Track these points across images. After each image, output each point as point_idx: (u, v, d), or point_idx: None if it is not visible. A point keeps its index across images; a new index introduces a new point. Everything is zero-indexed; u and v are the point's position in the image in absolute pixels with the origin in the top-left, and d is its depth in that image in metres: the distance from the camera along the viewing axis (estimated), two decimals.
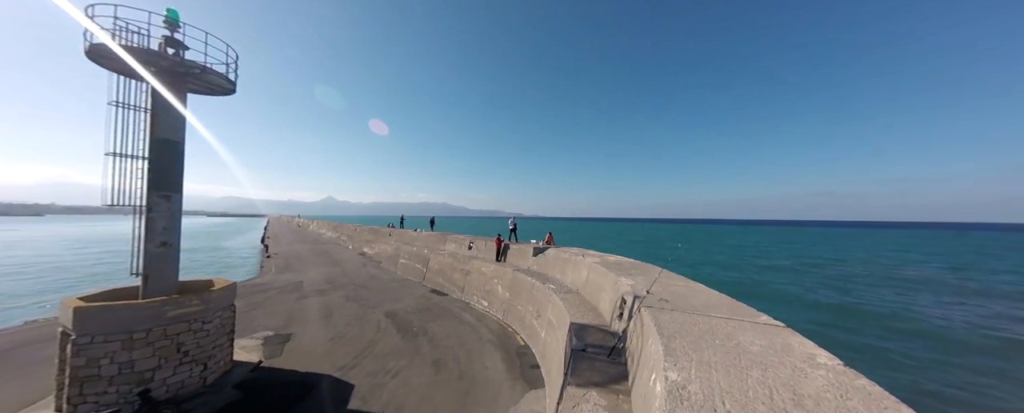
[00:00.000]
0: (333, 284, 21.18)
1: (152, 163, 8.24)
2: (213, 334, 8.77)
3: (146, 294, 8.25)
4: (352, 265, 28.49)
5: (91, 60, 7.70)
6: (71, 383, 7.05)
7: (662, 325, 4.28)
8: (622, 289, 7.08)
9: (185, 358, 8.13)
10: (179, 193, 8.74)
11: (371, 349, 11.42)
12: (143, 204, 8.23)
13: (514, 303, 14.07)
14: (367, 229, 41.12)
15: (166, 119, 8.31)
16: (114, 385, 7.24)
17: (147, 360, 7.57)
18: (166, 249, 8.48)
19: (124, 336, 7.36)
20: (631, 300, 6.21)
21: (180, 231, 8.81)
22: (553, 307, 10.27)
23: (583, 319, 8.02)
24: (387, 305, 16.63)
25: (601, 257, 11.56)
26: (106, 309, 7.30)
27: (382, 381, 9.32)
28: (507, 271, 15.33)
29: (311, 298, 17.72)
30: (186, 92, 8.81)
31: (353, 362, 10.45)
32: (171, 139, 8.46)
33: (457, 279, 18.93)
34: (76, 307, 7.14)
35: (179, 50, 8.37)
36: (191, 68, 8.48)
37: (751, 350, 3.54)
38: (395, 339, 12.34)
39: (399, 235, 30.87)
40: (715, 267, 44.24)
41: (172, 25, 8.18)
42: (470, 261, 18.57)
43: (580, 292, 10.51)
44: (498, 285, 15.68)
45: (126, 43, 7.70)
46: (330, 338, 12.31)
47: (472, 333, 13.04)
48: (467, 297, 17.56)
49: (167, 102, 8.28)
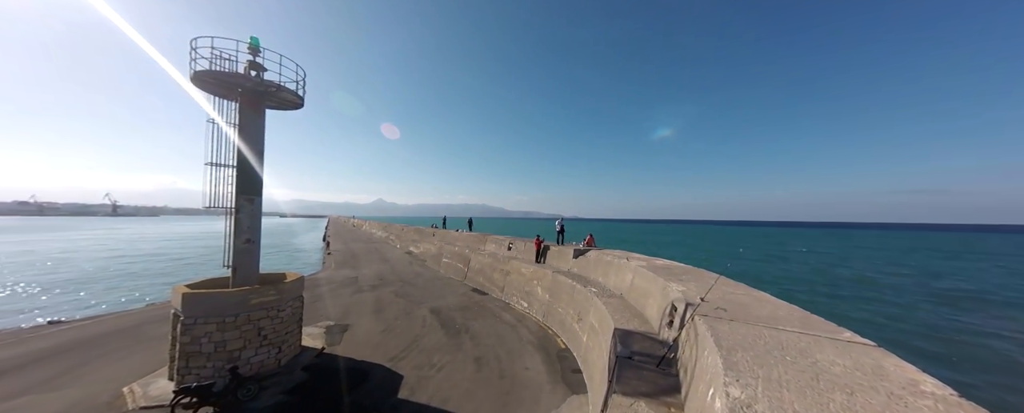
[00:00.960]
0: (383, 280, 22.71)
1: (239, 171, 9.54)
2: (286, 321, 9.89)
3: (235, 284, 9.56)
4: (400, 263, 30.32)
5: (194, 85, 9.14)
6: (180, 357, 8.42)
7: (720, 336, 3.94)
8: (672, 295, 6.65)
9: (264, 341, 9.27)
10: (260, 196, 10.01)
11: (418, 343, 12.04)
12: (232, 206, 9.58)
13: (554, 305, 13.91)
14: (413, 229, 43.48)
15: (250, 132, 9.58)
16: (211, 361, 8.50)
17: (235, 341, 8.76)
18: (250, 245, 9.76)
19: (218, 319, 8.60)
20: (683, 308, 5.81)
21: (260, 229, 10.08)
22: (595, 311, 9.97)
23: (628, 325, 7.67)
24: (431, 302, 17.41)
25: (647, 260, 10.97)
26: (205, 296, 8.60)
27: (428, 374, 9.78)
28: (547, 273, 15.21)
29: (365, 293, 19.19)
30: (264, 108, 10.08)
31: (402, 354, 11.10)
32: (254, 149, 9.71)
33: (497, 279, 19.22)
34: (184, 293, 8.51)
35: (259, 72, 9.61)
36: (269, 87, 9.68)
37: (832, 371, 3.11)
38: (439, 335, 12.87)
39: (442, 235, 32.20)
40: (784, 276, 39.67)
41: (254, 50, 9.42)
42: (509, 262, 18.75)
43: (624, 297, 10.07)
44: (538, 286, 15.62)
45: (220, 69, 9.04)
46: (382, 331, 13.21)
47: (512, 333, 13.13)
48: (507, 297, 17.74)
49: (251, 117, 9.55)
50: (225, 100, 9.52)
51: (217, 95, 9.48)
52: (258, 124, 9.80)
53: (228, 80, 9.14)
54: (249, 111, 9.59)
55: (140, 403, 7.91)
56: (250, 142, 9.62)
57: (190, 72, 8.78)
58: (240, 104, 9.48)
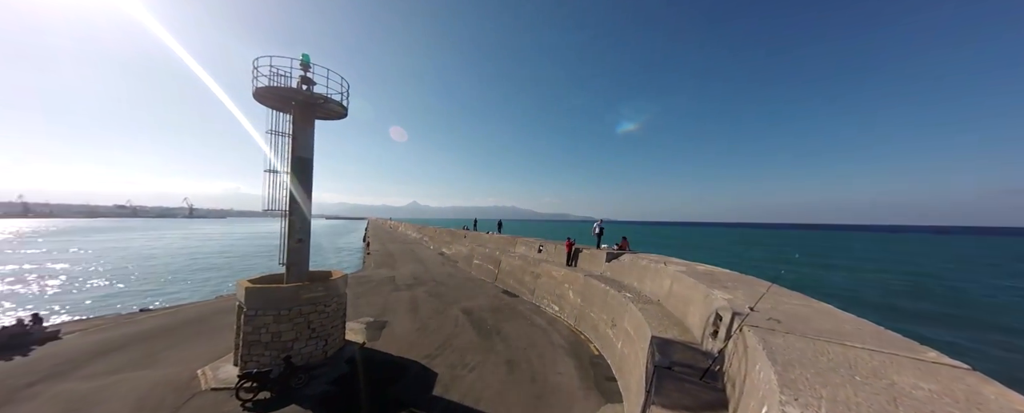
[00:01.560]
0: (418, 280, 23.59)
1: (293, 176, 10.44)
2: (332, 316, 10.61)
3: (288, 280, 10.44)
4: (433, 263, 31.32)
5: (256, 100, 10.17)
6: (243, 345, 9.34)
7: (775, 350, 3.62)
8: (717, 303, 6.23)
9: (313, 334, 10.02)
10: (310, 199, 10.87)
11: (451, 342, 12.34)
12: (287, 209, 10.50)
13: (586, 310, 13.60)
14: (445, 231, 44.77)
15: (302, 141, 10.46)
16: (268, 350, 9.34)
17: (289, 332, 9.56)
18: (301, 245, 10.62)
19: (275, 312, 9.44)
20: (729, 317, 5.42)
21: (310, 230, 10.93)
22: (630, 317, 9.60)
23: (667, 333, 7.29)
24: (463, 302, 17.77)
25: (687, 265, 10.37)
26: (264, 290, 9.48)
27: (461, 373, 9.98)
28: (578, 276, 14.92)
29: (401, 291, 20.05)
30: (314, 119, 10.95)
31: (436, 352, 11.44)
32: (305, 157, 10.60)
33: (527, 282, 19.19)
34: (247, 287, 9.45)
35: (310, 86, 10.47)
36: (318, 99, 10.51)
37: (914, 395, 2.73)
38: (471, 335, 13.09)
39: (473, 237, 32.81)
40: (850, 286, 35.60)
41: (305, 66, 10.29)
42: (540, 264, 18.65)
43: (662, 303, 9.60)
44: (569, 290, 15.37)
45: (277, 84, 9.98)
46: (417, 329, 13.71)
47: (543, 337, 13.02)
48: (537, 300, 17.64)
49: (302, 127, 10.43)
50: (281, 113, 10.48)
51: (274, 108, 10.46)
52: (309, 133, 10.67)
53: (284, 94, 10.07)
54: (301, 122, 10.47)
55: (211, 385, 8.88)
56: (301, 150, 10.50)
57: (253, 88, 9.78)
58: (293, 116, 10.40)
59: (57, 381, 9.08)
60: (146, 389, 8.69)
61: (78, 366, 9.97)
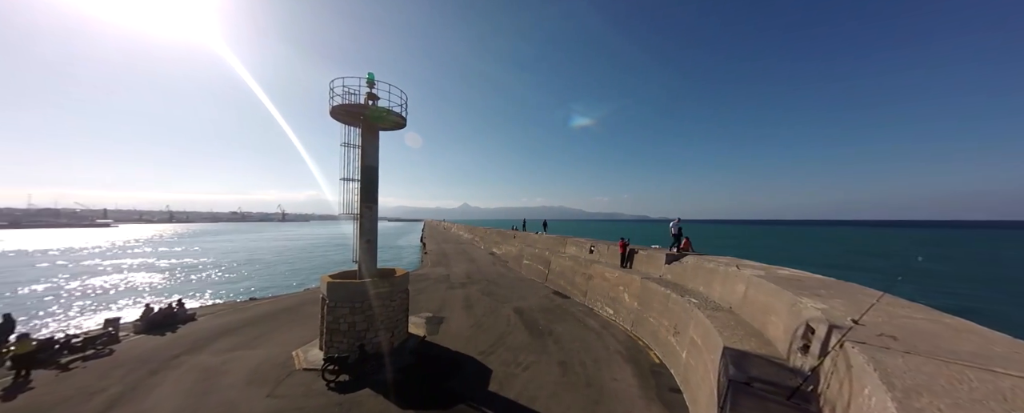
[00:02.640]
0: (471, 279, 24.52)
1: (362, 183, 11.62)
2: (397, 310, 11.56)
3: (360, 276, 11.64)
4: (484, 263, 32.30)
5: (332, 117, 11.53)
6: (326, 333, 10.65)
7: (891, 372, 3.03)
8: (807, 314, 5.42)
9: (381, 325, 11.01)
10: (376, 204, 12.00)
11: (504, 341, 12.59)
12: (357, 212, 11.72)
13: (644, 314, 12.82)
14: (495, 231, 45.88)
15: (369, 151, 11.60)
16: (346, 338, 10.51)
17: (362, 323, 10.65)
18: (370, 244, 11.76)
19: (350, 304, 10.59)
20: (825, 330, 4.68)
21: (377, 231, 12.05)
22: (697, 325, 8.81)
23: (743, 345, 6.54)
24: (515, 302, 18.02)
25: (765, 269, 9.19)
26: (341, 284, 10.70)
27: (515, 372, 10.12)
28: (634, 279, 14.14)
29: (456, 289, 21.04)
30: (379, 130, 12.06)
31: (490, 349, 11.77)
32: (372, 165, 11.72)
33: (579, 283, 18.75)
34: (328, 282, 10.76)
35: (375, 101, 11.55)
36: (381, 112, 11.55)
37: None
38: (523, 335, 13.21)
39: (522, 238, 33.10)
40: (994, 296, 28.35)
41: (371, 83, 11.39)
42: (592, 265, 18.09)
43: (735, 311, 8.64)
44: (624, 293, 14.64)
45: (348, 102, 11.21)
46: (471, 326, 14.26)
47: (598, 340, 12.60)
48: (590, 302, 17.13)
49: (369, 138, 11.55)
50: (351, 127, 11.74)
51: (346, 123, 11.77)
52: (375, 144, 11.79)
53: (353, 110, 11.26)
54: (368, 134, 11.62)
55: (303, 365, 10.29)
56: (369, 159, 11.64)
57: (329, 107, 11.11)
58: (362, 128, 11.58)
59: (194, 354, 11.32)
60: (256, 365, 10.39)
61: (208, 343, 12.31)
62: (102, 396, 8.63)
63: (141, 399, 8.54)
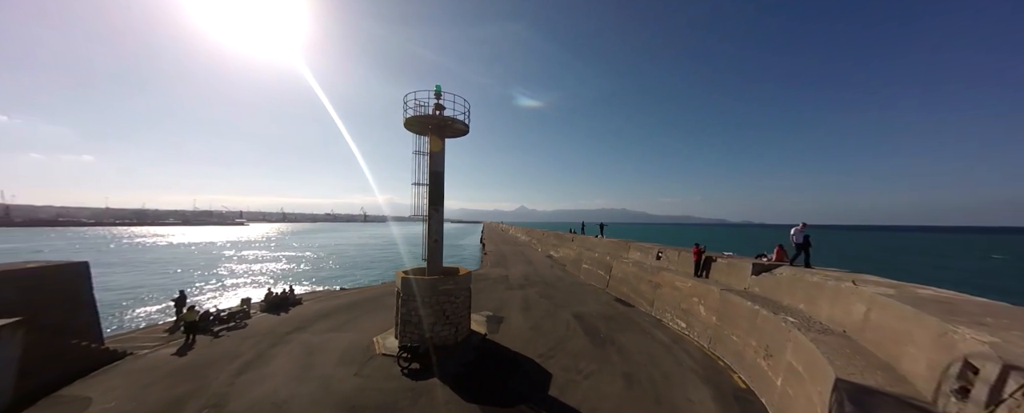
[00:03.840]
0: (529, 281, 24.64)
1: (430, 187, 12.57)
2: (460, 307, 12.19)
3: (428, 273, 12.57)
4: (542, 266, 32.19)
5: (405, 128, 12.72)
6: (400, 323, 11.72)
7: None
8: (966, 348, 4.20)
9: (447, 320, 11.72)
10: (442, 206, 12.85)
11: (563, 345, 12.34)
12: (426, 214, 12.70)
13: (726, 331, 11.34)
14: (552, 234, 45.45)
15: (436, 157, 12.50)
16: (416, 330, 11.42)
17: (429, 317, 11.47)
18: (437, 244, 12.64)
19: (419, 299, 11.49)
20: (995, 371, 3.55)
21: (443, 232, 12.89)
22: (798, 349, 7.47)
23: (864, 379, 5.34)
24: (574, 306, 17.54)
25: (896, 287, 7.38)
26: (412, 280, 11.68)
27: (575, 379, 9.83)
28: (712, 290, 12.62)
29: (515, 291, 21.36)
30: (445, 138, 12.92)
31: (549, 353, 11.63)
32: (438, 171, 12.61)
33: (644, 291, 17.45)
34: (401, 277, 11.85)
35: (441, 111, 12.42)
36: (447, 121, 12.37)
37: None
38: (584, 341, 12.76)
39: (580, 241, 32.16)
40: None
41: (438, 95, 12.28)
42: (660, 273, 16.68)
43: (851, 336, 7.11)
44: (700, 305, 13.16)
45: (418, 114, 12.26)
46: (530, 328, 14.30)
47: (668, 355, 11.54)
48: (658, 312, 15.80)
49: (436, 146, 12.45)
50: (421, 136, 12.80)
51: (417, 133, 12.88)
52: (441, 151, 12.66)
53: (422, 121, 12.27)
54: (435, 141, 12.53)
55: (381, 351, 11.48)
56: (436, 165, 12.54)
57: (403, 119, 12.28)
58: (429, 137, 12.54)
59: (301, 333, 13.47)
60: (345, 346, 11.94)
61: (311, 324, 14.54)
62: (240, 360, 10.82)
63: (265, 365, 10.47)
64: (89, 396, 8.61)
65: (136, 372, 10.00)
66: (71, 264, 11.31)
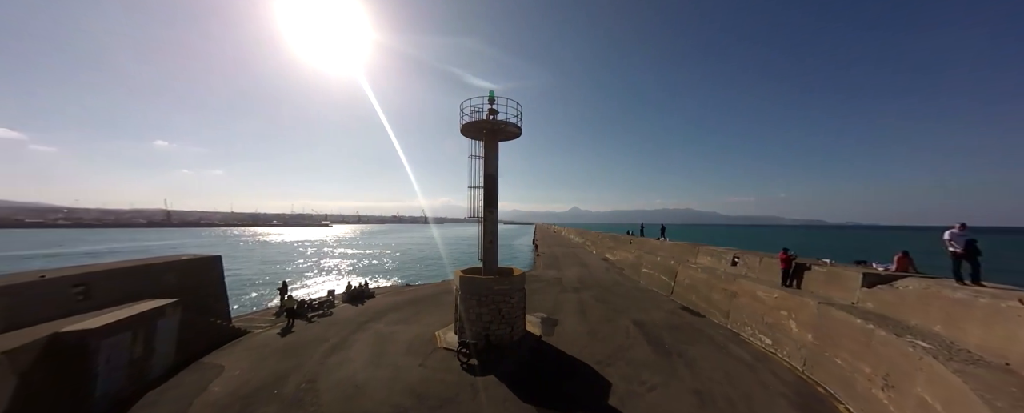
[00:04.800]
0: (583, 284, 23.91)
1: (485, 190, 12.99)
2: (515, 307, 12.33)
3: (484, 273, 12.98)
4: (597, 269, 30.99)
5: (462, 134, 13.36)
6: (459, 320, 12.29)
7: None
8: None
9: (503, 319, 11.95)
10: (497, 208, 13.17)
11: (623, 353, 11.68)
12: (481, 216, 13.14)
13: (827, 353, 9.58)
14: (608, 236, 43.51)
15: (490, 161, 12.88)
16: (475, 326, 11.86)
17: (486, 315, 11.81)
18: (492, 245, 12.99)
19: (477, 297, 11.92)
20: None
21: (498, 233, 13.20)
22: (934, 382, 5.98)
23: None
24: (633, 313, 16.51)
25: None
26: (470, 279, 12.17)
27: (637, 390, 9.22)
28: (808, 302, 10.78)
29: (569, 293, 20.92)
30: (498, 141, 13.25)
31: (607, 360, 11.11)
32: (493, 174, 12.98)
33: (717, 300, 15.66)
34: (459, 276, 12.42)
35: (495, 115, 12.77)
36: (500, 125, 12.68)
37: None
38: (646, 350, 11.92)
39: (640, 243, 30.20)
40: None
41: (491, 100, 12.65)
42: (736, 280, 14.81)
43: (1020, 371, 5.45)
44: (790, 320, 11.35)
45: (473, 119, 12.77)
46: (586, 332, 13.84)
47: (749, 374, 10.17)
48: (735, 325, 14.04)
49: (490, 149, 12.84)
50: (476, 141, 13.31)
51: (472, 138, 13.43)
52: (495, 154, 13.02)
53: (477, 126, 12.75)
54: (489, 145, 12.93)
55: (442, 345, 12.18)
56: (490, 168, 12.92)
57: (460, 126, 12.92)
58: (484, 141, 12.97)
59: (375, 323, 14.97)
60: (411, 338, 12.94)
61: (383, 315, 16.08)
62: (327, 343, 12.45)
63: (347, 349, 11.87)
64: (222, 364, 10.70)
65: (254, 347, 12.13)
66: (209, 257, 14.22)
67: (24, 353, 6.93)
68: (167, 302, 10.50)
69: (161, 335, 10.03)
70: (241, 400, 8.64)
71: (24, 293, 8.33)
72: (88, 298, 9.58)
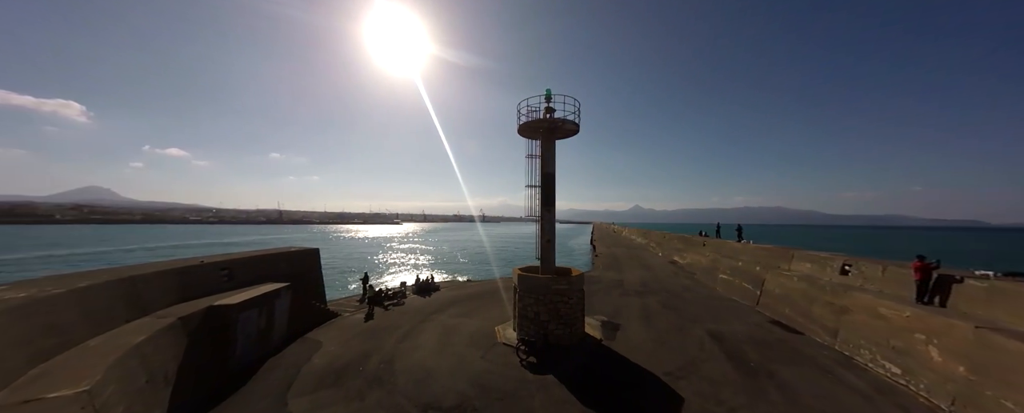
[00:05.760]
0: (647, 288, 22.30)
1: (542, 189, 12.95)
2: (574, 308, 12.07)
3: (542, 272, 12.95)
4: (663, 272, 28.62)
5: (520, 134, 13.52)
6: (517, 317, 12.48)
7: None
8: None
9: (561, 320, 11.79)
10: (554, 207, 13.04)
11: (696, 367, 10.58)
12: (538, 215, 13.14)
13: (988, 391, 7.37)
14: (676, 237, 39.85)
15: (548, 159, 12.81)
16: (532, 325, 11.93)
17: (544, 314, 11.78)
18: (549, 244, 12.91)
19: (535, 296, 11.96)
20: None
21: (555, 233, 13.06)
22: None
23: None
24: (709, 323, 14.84)
25: None
26: (528, 277, 12.27)
27: (715, 410, 8.26)
28: (956, 325, 8.43)
29: (631, 297, 19.71)
30: (554, 139, 13.10)
31: (678, 373, 10.18)
32: (550, 172, 12.88)
33: (820, 315, 13.18)
34: (518, 274, 12.61)
35: (551, 113, 12.65)
36: (556, 123, 12.51)
37: None
38: (725, 367, 10.62)
39: (715, 246, 27.00)
40: None
41: (548, 99, 12.56)
42: (848, 293, 12.28)
43: None
44: (929, 345, 9.00)
45: (530, 119, 12.83)
46: (652, 340, 12.88)
47: (868, 408, 8.35)
48: (845, 347, 11.66)
49: (547, 148, 12.75)
50: (533, 140, 13.34)
51: (529, 138, 13.50)
52: (551, 153, 12.90)
53: (534, 125, 12.77)
54: (546, 144, 12.85)
55: (502, 340, 12.52)
56: (547, 167, 12.84)
57: (517, 126, 13.10)
58: (541, 140, 12.94)
59: (440, 315, 16.07)
60: (473, 331, 13.57)
61: (447, 308, 17.19)
62: (401, 330, 13.77)
63: (417, 337, 12.98)
64: (321, 341, 12.59)
65: (343, 328, 14.02)
66: (310, 249, 16.83)
67: (192, 319, 9.08)
68: (282, 286, 12.73)
69: (278, 312, 12.21)
70: (335, 372, 10.06)
71: (190, 274, 10.92)
72: (230, 280, 12.13)
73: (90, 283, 7.83)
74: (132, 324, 8.18)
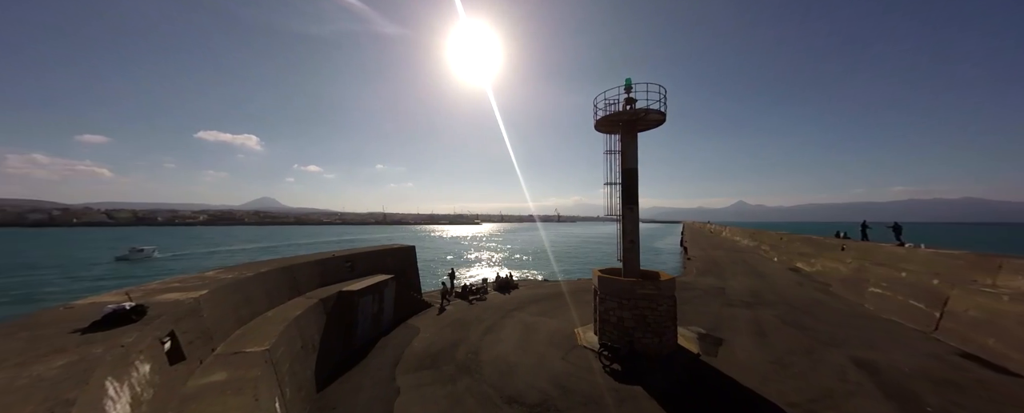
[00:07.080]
0: (759, 298, 18.81)
1: (623, 186, 12.17)
2: (663, 315, 10.97)
3: (625, 275, 12.15)
4: (781, 281, 23.71)
5: (596, 130, 12.99)
6: (599, 321, 11.97)
7: None
8: None
9: (648, 328, 10.86)
10: (637, 205, 12.11)
11: (836, 401, 8.45)
12: (619, 214, 12.37)
13: None
14: (799, 238, 32.58)
15: (629, 154, 11.98)
16: (615, 330, 11.28)
17: (629, 320, 11.02)
18: (633, 245, 12.03)
19: (617, 300, 11.29)
20: None
21: (639, 233, 12.12)
22: None
23: None
24: (854, 348, 11.70)
25: None
26: (610, 279, 11.66)
27: None
28: None
29: (737, 308, 16.91)
30: (636, 132, 12.16)
31: (807, 405, 8.30)
32: (632, 168, 12.02)
33: None
34: (598, 275, 12.10)
35: (632, 104, 11.79)
36: (638, 114, 11.59)
37: None
38: (881, 406, 8.21)
39: (860, 250, 21.11)
40: None
41: (628, 89, 11.74)
42: None
43: None
44: None
45: (608, 113, 12.19)
46: (769, 361, 10.80)
47: None
48: None
49: (628, 142, 11.93)
50: (612, 135, 12.64)
51: (607, 133, 12.85)
52: (633, 147, 12.01)
53: (612, 119, 12.08)
54: (627, 137, 12.03)
55: (582, 343, 12.19)
56: (628, 162, 12.00)
57: (594, 122, 12.61)
58: (621, 134, 12.17)
59: (520, 312, 16.55)
60: (552, 330, 13.58)
61: (526, 306, 17.60)
62: (484, 324, 14.67)
63: (499, 331, 13.64)
64: (418, 327, 14.31)
65: (436, 318, 15.66)
66: (409, 247, 19.33)
67: (329, 301, 11.39)
68: (389, 277, 14.94)
69: (387, 300, 14.37)
70: (431, 356, 11.31)
71: (326, 265, 13.71)
72: (352, 270, 14.81)
73: (268, 269, 10.54)
74: (292, 301, 10.71)
